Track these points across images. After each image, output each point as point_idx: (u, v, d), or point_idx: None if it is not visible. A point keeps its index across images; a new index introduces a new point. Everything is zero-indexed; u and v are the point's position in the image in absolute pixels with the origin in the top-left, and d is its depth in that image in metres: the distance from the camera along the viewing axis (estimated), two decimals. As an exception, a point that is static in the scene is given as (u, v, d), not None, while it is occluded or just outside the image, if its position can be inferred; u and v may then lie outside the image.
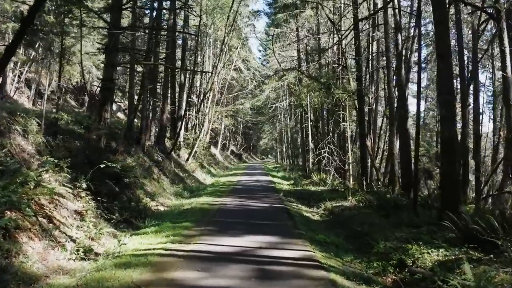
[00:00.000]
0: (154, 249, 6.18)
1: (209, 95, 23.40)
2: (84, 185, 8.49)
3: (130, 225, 9.22)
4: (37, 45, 25.62)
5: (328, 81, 18.14)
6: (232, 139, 59.98)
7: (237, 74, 37.00)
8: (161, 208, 11.73)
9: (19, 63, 28.22)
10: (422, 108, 41.47)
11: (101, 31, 17.03)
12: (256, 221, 8.92)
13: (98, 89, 31.33)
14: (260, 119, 57.63)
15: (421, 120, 30.27)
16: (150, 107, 18.84)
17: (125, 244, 6.58)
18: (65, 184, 8.57)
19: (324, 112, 26.30)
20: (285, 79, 23.50)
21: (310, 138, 24.93)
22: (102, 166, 8.34)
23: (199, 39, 35.51)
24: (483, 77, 39.69)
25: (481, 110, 21.23)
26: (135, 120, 18.58)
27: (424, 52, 29.24)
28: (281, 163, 49.19)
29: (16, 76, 28.51)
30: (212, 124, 35.35)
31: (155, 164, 16.97)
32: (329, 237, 7.69)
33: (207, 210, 10.48)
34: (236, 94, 33.45)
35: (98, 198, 8.78)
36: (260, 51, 58.70)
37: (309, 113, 24.65)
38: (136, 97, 17.07)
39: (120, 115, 27.35)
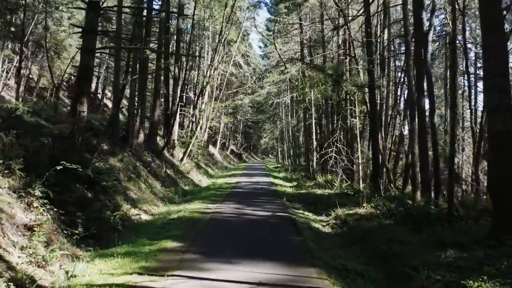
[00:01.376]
0: (113, 285, 4.42)
1: (206, 90, 21.62)
2: (37, 192, 6.73)
3: (98, 241, 7.46)
4: (26, 39, 24.00)
5: (336, 72, 16.35)
6: (232, 138, 58.20)
7: (237, 69, 35.23)
8: (144, 217, 9.96)
9: (6, 60, 26.60)
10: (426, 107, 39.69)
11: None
12: (255, 237, 7.15)
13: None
14: (261, 117, 55.85)
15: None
16: (139, 102, 17.07)
17: (75, 276, 4.82)
18: (17, 190, 6.86)
19: (329, 108, 24.55)
20: (287, 72, 21.69)
21: (314, 137, 23.14)
22: (59, 167, 6.55)
23: (196, 32, 33.78)
24: None
25: None
26: (122, 116, 16.81)
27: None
28: (282, 163, 47.40)
29: (5, 72, 26.84)
30: (210, 122, 33.60)
31: (144, 165, 15.21)
32: (349, 262, 5.91)
33: (196, 220, 8.72)
34: (235, 90, 31.75)
35: (58, 207, 7.05)
36: (260, 47, 57.02)
37: (312, 110, 22.85)
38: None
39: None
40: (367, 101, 16.07)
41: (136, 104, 16.27)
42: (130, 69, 12.72)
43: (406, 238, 6.75)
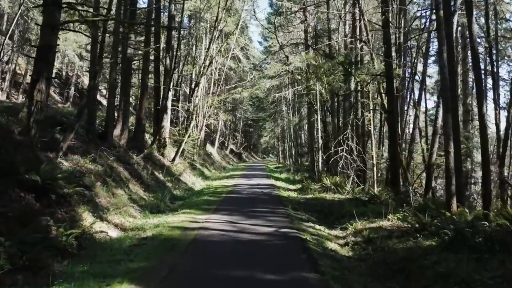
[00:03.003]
0: None
1: (201, 82, 19.48)
2: None
3: (34, 275, 5.34)
4: (10, 32, 21.95)
5: (347, 60, 14.24)
6: (231, 137, 56.07)
7: (235, 64, 33.11)
8: (112, 234, 7.85)
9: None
10: (431, 105, 37.43)
11: None
12: (252, 272, 5.02)
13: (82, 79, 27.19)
14: (261, 115, 53.75)
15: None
16: (122, 94, 14.94)
17: None
18: None
19: (335, 103, 22.42)
20: (290, 63, 19.56)
21: (319, 135, 21.02)
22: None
23: (193, 24, 31.69)
24: None
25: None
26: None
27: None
28: (284, 163, 45.30)
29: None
30: (207, 119, 31.48)
31: (125, 167, 13.12)
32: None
33: (175, 242, 6.61)
34: (234, 86, 29.71)
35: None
36: (260, 43, 54.86)
37: (317, 105, 20.73)
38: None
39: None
40: (382, 92, 14.01)
41: (118, 96, 14.15)
42: (100, 51, 10.57)
43: (472, 276, 4.63)
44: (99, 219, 8.40)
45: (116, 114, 14.99)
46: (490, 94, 20.04)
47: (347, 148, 14.49)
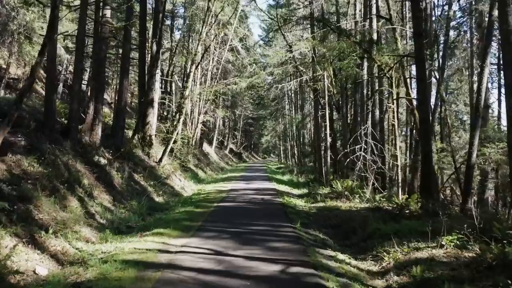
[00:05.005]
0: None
1: (192, 71, 16.85)
2: None
3: None
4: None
5: (366, 39, 11.65)
6: (231, 137, 53.46)
7: (234, 56, 30.51)
8: (39, 271, 5.27)
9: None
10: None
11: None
12: None
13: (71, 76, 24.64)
14: (262, 113, 51.14)
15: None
16: (94, 80, 12.36)
17: None
18: None
19: (345, 96, 19.85)
20: (294, 50, 16.95)
21: (328, 132, 18.41)
22: None
23: (188, 12, 29.07)
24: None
25: None
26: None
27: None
28: (286, 163, 42.71)
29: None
30: (204, 115, 28.88)
31: (91, 169, 10.54)
32: None
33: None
34: (233, 79, 27.15)
35: None
36: (260, 36, 52.23)
37: (326, 98, 18.13)
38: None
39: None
40: (408, 78, 11.43)
41: (86, 83, 11.56)
42: (51, 20, 8.00)
43: None
44: (31, 245, 5.88)
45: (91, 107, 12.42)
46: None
47: (365, 146, 11.90)
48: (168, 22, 28.31)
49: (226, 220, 8.57)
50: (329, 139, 18.51)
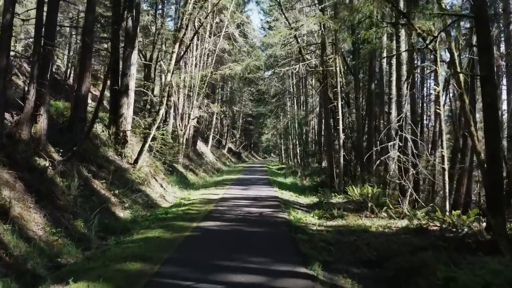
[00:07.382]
0: None
1: (175, 51, 13.61)
2: None
3: None
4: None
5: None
6: (230, 135, 50.28)
7: (230, 45, 27.33)
8: None
9: None
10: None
11: None
12: None
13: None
14: (262, 110, 47.94)
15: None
16: (35, 55, 9.19)
17: None
18: None
19: (360, 84, 16.71)
20: (299, 26, 13.81)
21: (341, 127, 15.29)
22: None
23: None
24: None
25: None
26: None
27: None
28: (287, 164, 39.48)
29: None
30: (198, 109, 25.74)
31: (19, 175, 7.40)
32: None
33: None
34: (227, 65, 24.06)
35: None
36: (261, 20, 49.10)
37: (338, 85, 15.00)
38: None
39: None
40: (459, 48, 8.31)
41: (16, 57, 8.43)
42: None
43: None
44: None
45: (31, 90, 9.28)
46: None
47: (400, 144, 8.75)
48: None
49: (201, 258, 5.42)
50: (342, 136, 15.38)
